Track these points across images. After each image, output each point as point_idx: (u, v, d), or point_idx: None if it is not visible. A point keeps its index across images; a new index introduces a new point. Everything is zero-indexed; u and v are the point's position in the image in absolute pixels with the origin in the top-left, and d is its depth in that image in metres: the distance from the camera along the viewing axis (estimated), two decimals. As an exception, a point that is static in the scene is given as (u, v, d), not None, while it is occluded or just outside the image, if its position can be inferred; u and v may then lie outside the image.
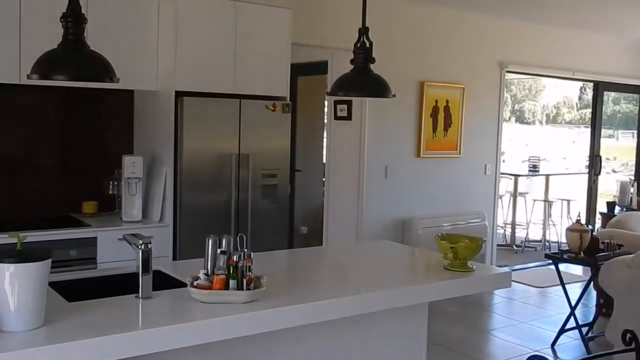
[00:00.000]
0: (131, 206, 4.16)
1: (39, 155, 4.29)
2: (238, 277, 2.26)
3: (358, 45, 3.09)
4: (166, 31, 4.18)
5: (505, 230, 9.02)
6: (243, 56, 4.40)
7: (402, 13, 6.01)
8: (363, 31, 3.08)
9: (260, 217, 4.51)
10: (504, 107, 7.21)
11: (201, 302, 2.23)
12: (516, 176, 9.18)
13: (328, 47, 5.56)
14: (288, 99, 4.67)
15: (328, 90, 3.33)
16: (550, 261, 5.20)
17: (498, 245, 7.64)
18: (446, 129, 6.49)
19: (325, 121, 6.64)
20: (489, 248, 6.96)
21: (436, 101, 6.37)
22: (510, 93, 15.59)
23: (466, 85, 6.59)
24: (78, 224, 4.02)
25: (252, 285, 2.28)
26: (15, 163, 4.20)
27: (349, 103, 5.96)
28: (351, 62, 3.13)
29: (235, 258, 2.27)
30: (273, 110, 4.51)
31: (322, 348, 2.68)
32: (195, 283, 2.27)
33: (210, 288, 2.25)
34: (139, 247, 2.27)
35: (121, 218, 4.16)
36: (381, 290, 2.62)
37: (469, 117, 6.64)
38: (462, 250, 2.86)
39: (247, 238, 2.39)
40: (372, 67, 3.14)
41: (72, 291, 2.34)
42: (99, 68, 2.25)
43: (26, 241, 1.93)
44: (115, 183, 4.29)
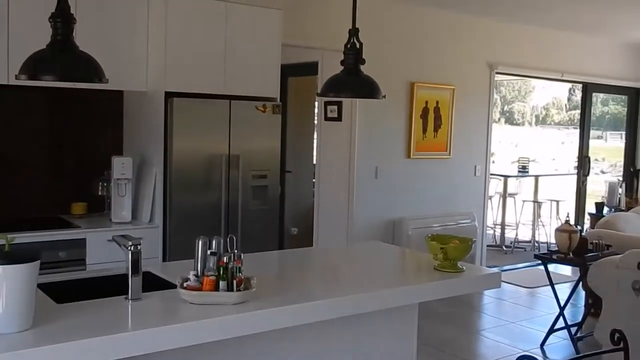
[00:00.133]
0: (121, 207, 4.15)
1: (28, 156, 4.26)
2: (228, 278, 2.25)
3: (348, 46, 3.09)
4: (156, 31, 4.17)
5: (494, 230, 9.05)
6: (233, 57, 4.40)
7: (393, 14, 6.02)
8: (353, 32, 3.09)
9: (250, 218, 4.50)
10: (494, 108, 7.24)
11: (191, 304, 2.22)
12: (506, 177, 9.21)
13: (318, 48, 5.57)
14: (278, 100, 4.67)
15: (318, 91, 3.33)
16: (539, 261, 5.22)
17: (488, 245, 7.67)
18: (436, 130, 6.50)
19: (315, 122, 6.64)
20: (479, 249, 6.98)
21: (426, 102, 6.39)
22: (499, 94, 15.66)
23: (456, 86, 6.61)
24: (67, 225, 4.00)
25: (242, 286, 2.27)
26: (3, 164, 4.16)
27: (339, 104, 5.96)
28: (341, 63, 3.14)
29: (225, 259, 2.26)
30: (263, 111, 4.51)
31: (313, 349, 2.68)
32: (185, 284, 2.27)
33: (200, 289, 2.25)
34: (129, 249, 2.27)
35: (110, 219, 4.15)
36: (371, 291, 2.62)
37: (459, 118, 6.67)
38: (452, 250, 2.87)
39: (237, 239, 2.39)
40: (363, 68, 3.14)
41: (61, 293, 2.32)
42: (88, 69, 2.24)
43: (14, 242, 1.92)
44: (104, 184, 4.27)
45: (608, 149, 11.90)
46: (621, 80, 8.32)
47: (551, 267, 5.13)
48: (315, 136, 6.61)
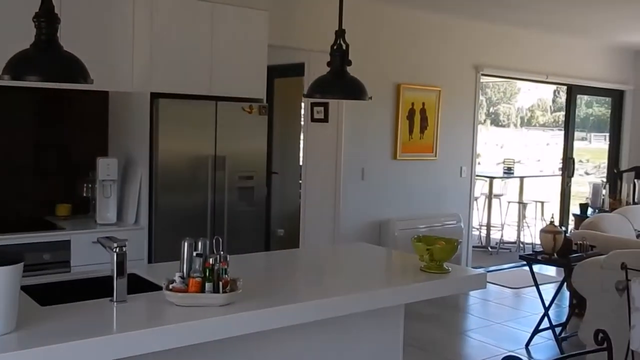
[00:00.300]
0: (106, 209, 4.12)
1: (12, 157, 4.22)
2: (214, 280, 2.24)
3: (335, 47, 3.10)
4: (141, 32, 4.15)
5: (480, 231, 9.10)
6: (219, 58, 4.38)
7: (379, 16, 6.03)
8: (340, 34, 3.09)
9: (236, 220, 4.49)
10: (479, 110, 7.28)
11: (177, 306, 2.22)
12: (491, 178, 9.26)
13: (305, 50, 5.56)
14: (264, 101, 4.66)
15: (305, 92, 3.33)
16: (524, 262, 5.25)
17: (473, 246, 7.70)
18: (422, 132, 6.53)
19: (302, 123, 6.63)
20: (465, 250, 7.01)
21: (412, 104, 6.41)
22: (485, 96, 15.73)
23: (442, 88, 6.63)
24: (51, 227, 3.97)
25: (228, 288, 2.27)
26: (-14, 165, 4.13)
27: (326, 105, 5.96)
28: (328, 65, 3.14)
29: (211, 261, 2.26)
30: (249, 112, 4.50)
31: (299, 350, 2.68)
32: (170, 286, 2.26)
33: (186, 291, 2.24)
34: (114, 250, 2.25)
35: (95, 221, 4.12)
36: (358, 292, 2.62)
37: (445, 120, 6.69)
38: (438, 252, 2.88)
39: (224, 240, 2.38)
40: (349, 70, 3.14)
41: (45, 295, 2.31)
42: (73, 69, 2.22)
43: (-3, 244, 1.90)
44: (89, 185, 4.24)
45: (592, 151, 12.01)
46: (605, 82, 8.40)
47: (536, 268, 5.16)
48: (301, 137, 6.61)
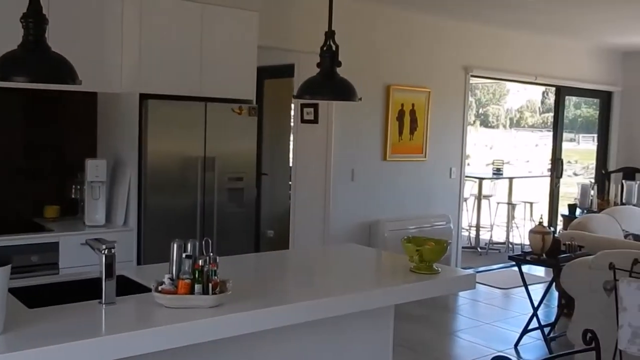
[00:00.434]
0: (94, 210, 4.10)
1: (-1, 158, 4.20)
2: (203, 282, 2.24)
3: (324, 48, 3.10)
4: (130, 32, 4.13)
5: (469, 232, 9.12)
6: (209, 59, 4.37)
7: (369, 17, 6.04)
8: (329, 35, 3.09)
9: (226, 221, 4.48)
10: (469, 111, 7.30)
11: (166, 307, 2.21)
12: (480, 179, 9.29)
13: (294, 50, 5.56)
14: (254, 102, 4.65)
15: (294, 93, 3.33)
16: (513, 263, 5.27)
17: (463, 247, 7.73)
18: (412, 133, 6.54)
19: (291, 124, 6.63)
20: (454, 250, 7.03)
21: (402, 105, 6.42)
22: (474, 97, 15.79)
23: (432, 89, 6.65)
24: (39, 229, 3.95)
25: (218, 289, 2.26)
26: (-27, 166, 4.10)
27: (316, 106, 5.96)
28: (318, 66, 3.14)
29: (200, 262, 2.25)
30: (239, 113, 4.49)
31: (288, 351, 2.67)
32: (160, 288, 2.25)
33: (175, 293, 2.23)
34: (102, 252, 2.24)
35: (84, 222, 4.09)
36: (347, 293, 2.62)
37: (435, 121, 6.71)
38: (428, 252, 2.89)
39: (213, 242, 2.37)
40: (339, 71, 3.15)
41: (33, 297, 2.29)
42: (61, 70, 2.21)
43: (-15, 246, 1.89)
44: (78, 187, 4.22)
45: (580, 152, 12.08)
46: (593, 83, 8.45)
47: (525, 268, 5.19)
48: (291, 138, 6.60)
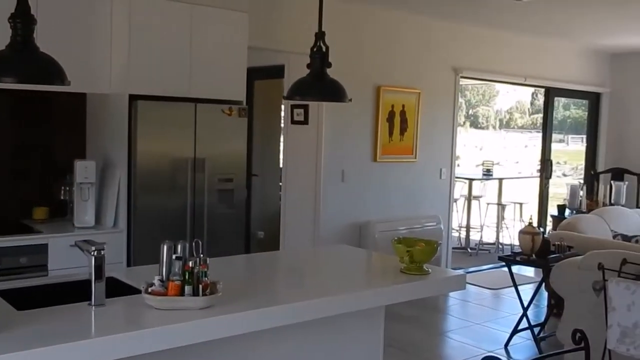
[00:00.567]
0: (84, 212, 4.07)
1: (-13, 159, 4.17)
2: (194, 283, 2.23)
3: (314, 49, 3.10)
4: (119, 33, 4.11)
5: (459, 233, 9.15)
6: (199, 59, 4.36)
7: (359, 18, 6.05)
8: (319, 35, 3.10)
9: (216, 222, 4.47)
10: (459, 112, 7.33)
11: (156, 309, 2.20)
12: (470, 180, 9.32)
13: (284, 51, 5.56)
14: (244, 103, 4.65)
15: (284, 94, 3.32)
16: (503, 263, 5.29)
17: (453, 248, 7.75)
18: (402, 134, 6.55)
19: (282, 125, 6.63)
20: (444, 251, 7.05)
21: (392, 106, 6.43)
22: (464, 98, 15.84)
23: (422, 90, 6.67)
24: (28, 231, 3.92)
25: (208, 291, 2.26)
26: (-39, 168, 4.07)
27: (306, 107, 5.96)
28: (308, 67, 3.14)
29: (190, 264, 2.24)
30: (229, 114, 4.48)
31: (279, 352, 2.67)
32: (149, 289, 2.24)
33: (165, 294, 2.22)
34: (92, 254, 2.23)
35: (73, 224, 4.07)
36: (338, 294, 2.62)
37: (425, 122, 6.73)
38: (418, 253, 2.89)
39: (203, 243, 2.37)
40: (329, 72, 3.15)
41: (22, 299, 2.28)
42: (49, 70, 2.20)
43: (-28, 248, 1.87)
44: (67, 188, 4.19)
45: (569, 152, 12.15)
46: (582, 85, 8.50)
47: (515, 269, 5.21)
48: (281, 139, 6.60)
